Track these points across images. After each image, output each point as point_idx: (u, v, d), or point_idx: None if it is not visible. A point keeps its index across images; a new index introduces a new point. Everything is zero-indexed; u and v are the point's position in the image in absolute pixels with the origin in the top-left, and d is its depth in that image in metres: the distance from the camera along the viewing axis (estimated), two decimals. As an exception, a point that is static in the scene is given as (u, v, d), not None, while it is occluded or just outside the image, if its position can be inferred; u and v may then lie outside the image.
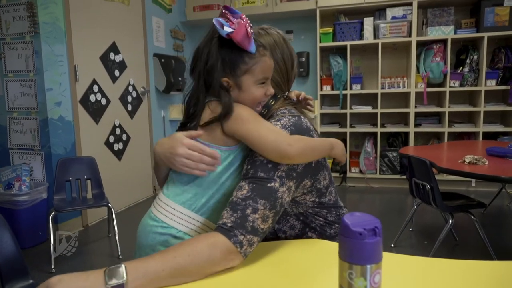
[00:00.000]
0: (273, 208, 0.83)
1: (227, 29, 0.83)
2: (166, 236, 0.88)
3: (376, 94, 4.02)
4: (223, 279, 0.76)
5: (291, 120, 0.93)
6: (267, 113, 0.98)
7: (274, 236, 1.00)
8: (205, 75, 0.88)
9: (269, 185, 0.84)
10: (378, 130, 4.04)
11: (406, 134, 4.05)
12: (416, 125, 3.99)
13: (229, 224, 0.79)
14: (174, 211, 0.89)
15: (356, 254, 0.61)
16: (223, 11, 0.88)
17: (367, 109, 4.09)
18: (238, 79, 0.88)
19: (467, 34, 3.73)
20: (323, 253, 0.89)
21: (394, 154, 4.05)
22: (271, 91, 0.93)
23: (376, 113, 4.03)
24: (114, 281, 0.66)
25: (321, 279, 0.77)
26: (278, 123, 0.92)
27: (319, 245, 0.93)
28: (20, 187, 2.64)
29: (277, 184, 0.85)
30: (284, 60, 1.05)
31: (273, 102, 1.00)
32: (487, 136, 3.80)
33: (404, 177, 3.98)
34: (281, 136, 0.85)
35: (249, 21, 0.88)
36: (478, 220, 2.14)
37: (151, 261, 0.71)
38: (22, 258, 1.31)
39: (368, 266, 0.60)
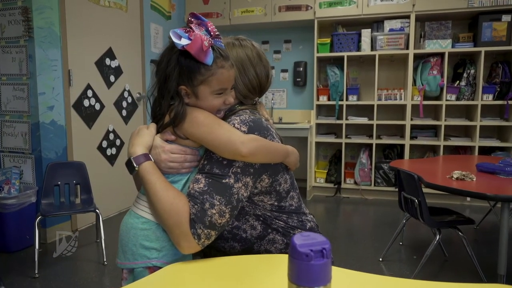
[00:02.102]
0: (229, 204, 0.88)
1: (183, 41, 0.86)
2: (147, 231, 0.92)
3: (373, 106, 4.01)
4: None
5: (251, 117, 0.96)
6: (229, 113, 1.00)
7: (232, 236, 0.98)
8: (164, 81, 0.91)
9: (224, 181, 0.89)
10: (374, 141, 4.02)
11: (402, 146, 4.03)
12: (412, 138, 3.97)
13: (192, 216, 0.86)
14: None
15: (304, 276, 0.59)
16: (190, 18, 0.90)
17: (363, 120, 4.08)
18: (195, 88, 0.91)
19: (465, 48, 3.72)
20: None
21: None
22: (230, 100, 0.94)
23: (372, 125, 4.01)
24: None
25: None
26: (238, 118, 0.95)
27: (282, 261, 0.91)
28: (9, 190, 2.64)
29: (231, 180, 0.89)
30: (258, 74, 1.05)
31: (238, 106, 1.03)
32: (483, 150, 3.77)
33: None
34: (234, 135, 0.88)
35: (215, 30, 0.89)
36: (470, 236, 2.12)
37: (154, 176, 0.89)
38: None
39: (315, 289, 0.59)
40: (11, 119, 2.76)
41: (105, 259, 2.44)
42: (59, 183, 2.58)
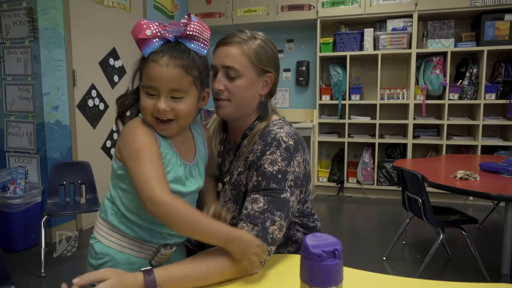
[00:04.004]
0: (286, 218, 0.90)
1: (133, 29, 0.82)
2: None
3: (375, 105, 4.01)
4: None
5: (292, 129, 0.99)
6: (251, 133, 1.00)
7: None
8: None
9: (282, 196, 0.90)
10: (377, 140, 4.03)
11: (405, 145, 4.03)
12: (414, 137, 3.98)
13: None
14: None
15: (316, 277, 0.60)
16: (184, 17, 0.86)
17: (366, 119, 4.08)
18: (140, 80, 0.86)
19: (467, 47, 3.72)
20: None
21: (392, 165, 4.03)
22: (161, 107, 0.81)
23: (375, 124, 4.02)
24: None
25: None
26: (282, 130, 0.96)
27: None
28: (15, 190, 2.66)
29: (288, 194, 0.91)
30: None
31: (258, 123, 1.02)
32: (486, 149, 3.77)
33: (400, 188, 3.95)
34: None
35: (193, 31, 0.82)
36: (473, 235, 2.13)
37: (184, 271, 0.78)
38: (4, 264, 1.32)
39: (328, 289, 0.60)
40: (16, 119, 2.78)
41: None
42: (64, 182, 2.60)
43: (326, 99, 4.17)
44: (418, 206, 2.15)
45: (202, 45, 0.84)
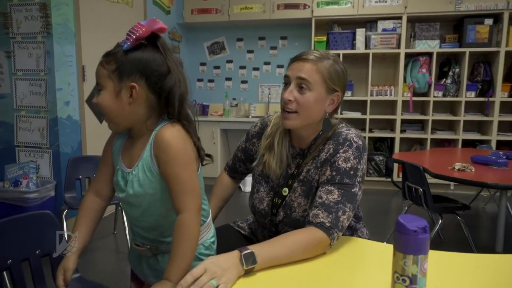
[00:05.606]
0: (354, 209, 1.05)
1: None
2: None
3: (365, 101, 4.25)
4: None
5: (357, 131, 1.14)
6: (316, 142, 1.15)
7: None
8: None
9: (352, 190, 1.04)
10: (367, 134, 4.28)
11: (392, 139, 4.30)
12: (401, 131, 4.26)
13: (327, 224, 0.99)
14: None
15: (411, 247, 0.78)
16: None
17: (357, 115, 4.32)
18: None
19: (451, 48, 4.02)
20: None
21: (381, 157, 4.30)
22: (99, 100, 0.94)
23: (365, 119, 4.26)
24: (249, 265, 0.86)
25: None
26: (350, 131, 1.12)
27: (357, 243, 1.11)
28: (27, 184, 2.68)
29: (357, 189, 1.06)
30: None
31: (323, 134, 1.15)
32: (466, 143, 4.11)
33: (389, 179, 4.23)
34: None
35: (133, 33, 0.89)
36: (456, 221, 2.38)
37: (273, 248, 0.91)
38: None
39: (420, 256, 0.77)
40: (27, 114, 2.79)
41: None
42: (80, 177, 2.65)
43: (319, 95, 4.35)
44: (418, 195, 2.39)
45: (125, 40, 0.91)
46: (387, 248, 1.06)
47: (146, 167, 0.95)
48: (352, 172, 1.06)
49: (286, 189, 1.17)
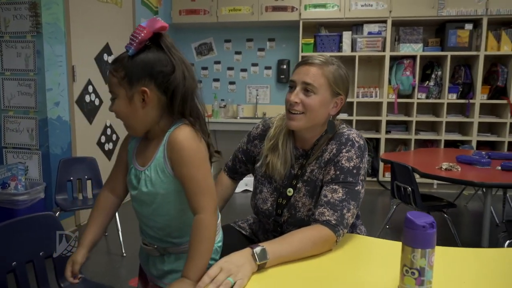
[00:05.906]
0: (358, 206, 1.10)
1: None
2: None
3: (352, 103, 4.35)
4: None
5: (357, 131, 1.19)
6: (318, 143, 1.19)
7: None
8: None
9: (356, 188, 1.09)
10: (353, 135, 4.36)
11: (378, 140, 4.41)
12: (386, 132, 4.37)
13: (333, 222, 1.03)
14: None
15: (420, 241, 0.83)
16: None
17: (343, 116, 4.40)
18: None
19: (434, 52, 4.15)
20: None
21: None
22: (114, 109, 0.95)
23: (352, 120, 4.35)
24: (262, 261, 0.89)
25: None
26: (352, 131, 1.17)
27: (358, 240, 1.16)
28: (16, 186, 2.63)
29: (360, 187, 1.10)
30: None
31: (325, 135, 1.20)
32: (447, 143, 4.25)
33: (375, 179, 4.35)
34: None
35: (136, 36, 0.89)
36: (442, 218, 2.48)
37: (282, 245, 0.95)
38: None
39: (428, 250, 0.82)
40: (15, 114, 2.73)
41: (123, 251, 2.54)
42: (71, 178, 2.62)
43: (307, 96, 4.42)
44: (407, 194, 2.47)
45: (129, 45, 0.90)
46: (386, 244, 1.12)
47: (159, 168, 0.96)
48: (355, 171, 1.10)
49: (290, 189, 1.20)
